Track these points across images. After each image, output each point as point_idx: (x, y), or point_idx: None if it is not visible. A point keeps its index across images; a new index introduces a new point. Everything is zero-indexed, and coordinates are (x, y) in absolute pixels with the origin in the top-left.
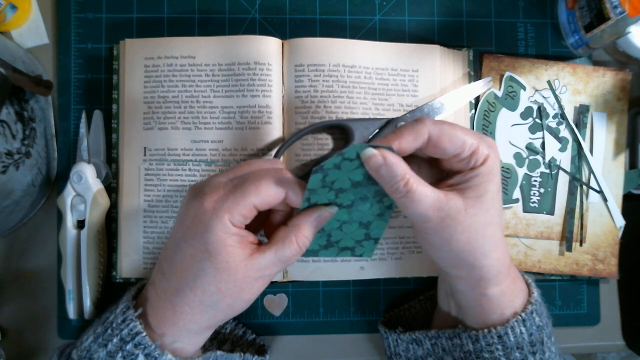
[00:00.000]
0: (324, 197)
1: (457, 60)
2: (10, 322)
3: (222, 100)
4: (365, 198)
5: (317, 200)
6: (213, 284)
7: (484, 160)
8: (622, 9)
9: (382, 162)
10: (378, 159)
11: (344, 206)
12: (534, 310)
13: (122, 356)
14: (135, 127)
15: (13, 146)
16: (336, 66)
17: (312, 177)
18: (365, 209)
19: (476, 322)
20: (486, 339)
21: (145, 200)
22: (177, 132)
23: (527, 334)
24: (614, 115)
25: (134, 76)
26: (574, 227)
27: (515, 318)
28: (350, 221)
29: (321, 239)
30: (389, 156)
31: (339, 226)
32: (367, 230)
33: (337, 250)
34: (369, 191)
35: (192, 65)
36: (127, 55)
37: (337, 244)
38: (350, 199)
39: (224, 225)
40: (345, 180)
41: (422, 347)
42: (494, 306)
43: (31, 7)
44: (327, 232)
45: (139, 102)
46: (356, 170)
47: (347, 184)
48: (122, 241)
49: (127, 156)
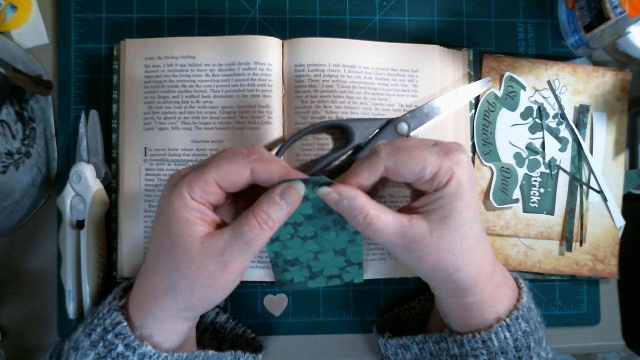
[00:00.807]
0: (284, 231)
1: (457, 60)
2: (10, 322)
3: (223, 100)
4: (327, 228)
5: (278, 235)
6: (170, 261)
7: (448, 180)
8: (622, 9)
9: (339, 198)
10: (333, 196)
11: (309, 237)
12: (520, 316)
13: (103, 346)
14: (136, 127)
15: (13, 146)
16: (336, 66)
17: None
18: (332, 237)
19: (459, 326)
20: (470, 344)
21: (145, 200)
22: (177, 132)
23: (511, 339)
24: (614, 115)
25: (134, 76)
26: (574, 227)
27: (500, 323)
28: (323, 250)
29: (302, 271)
30: (345, 191)
31: (314, 257)
32: (345, 257)
33: (325, 280)
34: (327, 221)
35: (192, 66)
36: (127, 55)
37: (321, 273)
38: (311, 231)
39: (182, 197)
40: (296, 214)
41: (410, 352)
42: (474, 312)
43: (31, 7)
44: (305, 264)
45: (140, 102)
46: (303, 205)
47: (300, 217)
48: (123, 241)
49: (128, 156)
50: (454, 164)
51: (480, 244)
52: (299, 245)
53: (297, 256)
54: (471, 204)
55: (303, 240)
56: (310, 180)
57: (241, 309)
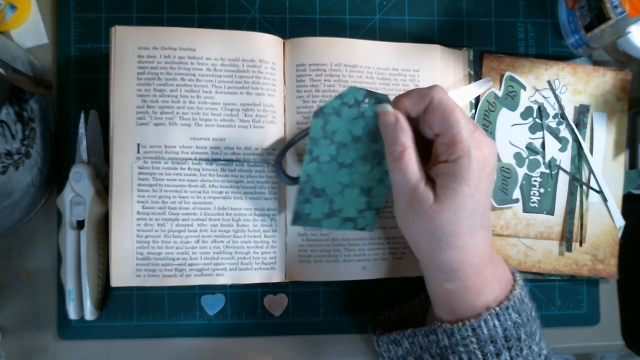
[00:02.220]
0: (326, 151)
1: (457, 60)
2: (10, 322)
3: (225, 96)
4: (366, 158)
5: (319, 154)
6: None
7: (458, 158)
8: (622, 9)
9: (393, 122)
10: (390, 118)
11: (345, 165)
12: (511, 307)
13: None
14: (127, 122)
15: (13, 146)
16: (338, 66)
17: (313, 122)
18: (366, 170)
19: (445, 312)
20: (460, 332)
21: (138, 202)
22: (175, 128)
23: (501, 328)
24: (614, 115)
25: (125, 67)
26: (574, 227)
27: (489, 312)
28: (351, 185)
29: (324, 206)
30: (400, 119)
31: (341, 190)
32: (368, 198)
33: (340, 222)
34: (369, 149)
35: (192, 58)
36: (117, 44)
37: (340, 213)
38: (351, 157)
39: None
40: (346, 132)
41: (401, 347)
42: (456, 297)
43: (30, 6)
44: (329, 197)
45: (131, 96)
46: (356, 122)
47: (347, 137)
48: (113, 247)
49: (118, 153)
50: (475, 149)
51: (474, 236)
52: (332, 172)
53: (325, 186)
54: (476, 195)
55: (339, 167)
56: (374, 94)
57: (241, 309)
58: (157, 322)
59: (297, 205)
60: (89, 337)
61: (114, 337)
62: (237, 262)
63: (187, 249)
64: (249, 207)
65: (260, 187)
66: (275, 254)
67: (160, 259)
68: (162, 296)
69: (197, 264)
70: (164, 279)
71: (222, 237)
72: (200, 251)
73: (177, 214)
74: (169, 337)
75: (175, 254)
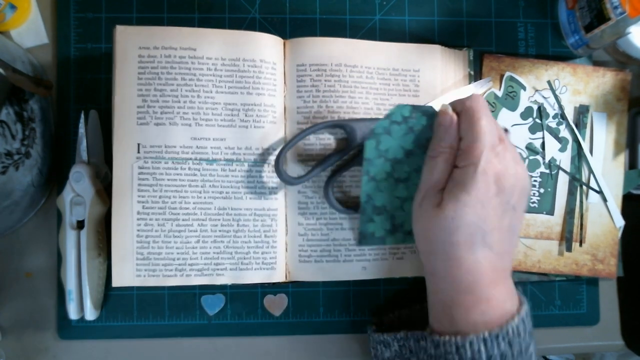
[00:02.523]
0: (382, 169)
1: (457, 61)
2: (10, 322)
3: (225, 96)
4: (419, 169)
5: (375, 173)
6: None
7: (464, 166)
8: (622, 9)
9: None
10: (447, 119)
11: (402, 180)
12: (502, 336)
13: None
14: (128, 121)
15: (13, 146)
16: (338, 66)
17: (366, 144)
18: None
19: (435, 320)
20: (445, 347)
21: (139, 202)
22: (175, 127)
23: (485, 354)
24: (614, 116)
25: (126, 66)
26: (574, 227)
27: (477, 335)
28: (409, 198)
29: (386, 223)
30: (455, 124)
31: (401, 205)
32: None
33: (403, 236)
34: (422, 160)
35: (193, 58)
36: (118, 43)
37: (402, 227)
38: (406, 171)
39: None
40: (398, 148)
41: (389, 349)
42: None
43: (30, 6)
44: (390, 214)
45: (132, 95)
46: (406, 137)
47: (400, 153)
48: (114, 247)
49: (119, 153)
50: (487, 162)
51: (472, 253)
52: (390, 188)
53: (385, 203)
54: (478, 209)
55: (396, 183)
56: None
57: (241, 309)
58: (157, 322)
59: (362, 225)
60: (89, 337)
61: (114, 337)
62: (237, 262)
63: (187, 248)
64: (249, 207)
65: (261, 187)
66: (276, 254)
67: (160, 259)
68: (162, 296)
69: (197, 263)
70: (164, 278)
71: (223, 237)
72: (200, 251)
73: (178, 214)
74: (169, 337)
75: (175, 254)
